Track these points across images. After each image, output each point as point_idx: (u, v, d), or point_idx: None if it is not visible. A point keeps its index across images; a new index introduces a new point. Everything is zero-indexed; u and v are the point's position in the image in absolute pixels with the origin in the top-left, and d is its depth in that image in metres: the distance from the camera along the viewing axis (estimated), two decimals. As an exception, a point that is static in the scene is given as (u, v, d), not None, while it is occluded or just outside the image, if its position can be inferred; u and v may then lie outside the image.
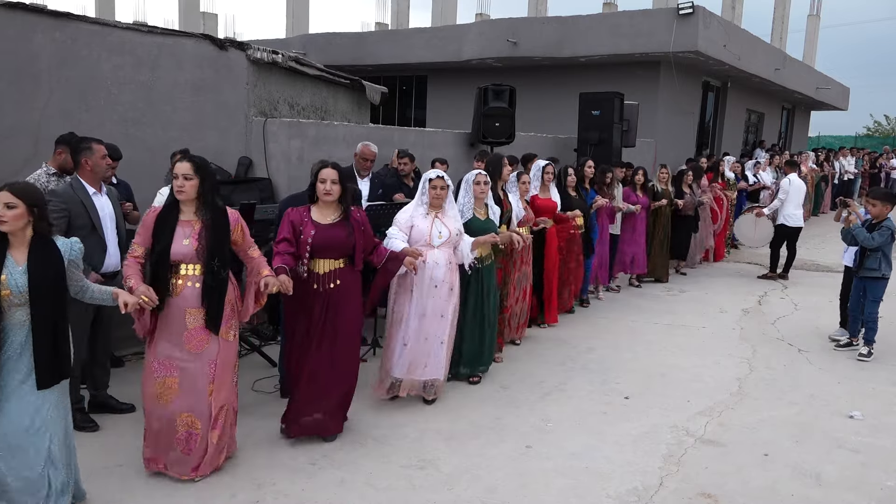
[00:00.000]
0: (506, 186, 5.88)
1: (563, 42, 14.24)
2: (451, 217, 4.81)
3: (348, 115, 8.48)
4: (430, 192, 4.71)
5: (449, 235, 4.72)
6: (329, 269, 4.06)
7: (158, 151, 6.59)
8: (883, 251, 6.02)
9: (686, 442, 4.30)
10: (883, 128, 38.56)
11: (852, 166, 18.79)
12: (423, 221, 4.72)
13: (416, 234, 4.69)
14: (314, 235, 3.99)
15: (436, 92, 17.20)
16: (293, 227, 4.02)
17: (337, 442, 4.17)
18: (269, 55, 6.99)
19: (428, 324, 4.69)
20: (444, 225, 4.73)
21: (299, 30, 22.39)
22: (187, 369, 3.58)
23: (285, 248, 3.94)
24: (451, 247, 4.78)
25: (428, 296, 4.67)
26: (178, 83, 6.82)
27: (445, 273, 4.71)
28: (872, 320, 6.10)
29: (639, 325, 7.06)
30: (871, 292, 6.09)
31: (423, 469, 3.89)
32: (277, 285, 3.68)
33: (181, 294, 3.57)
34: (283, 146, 6.80)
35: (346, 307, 4.10)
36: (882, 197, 6.13)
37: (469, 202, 5.16)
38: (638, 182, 8.67)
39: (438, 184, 4.70)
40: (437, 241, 4.69)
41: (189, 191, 3.55)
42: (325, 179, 4.00)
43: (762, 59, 16.34)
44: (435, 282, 4.67)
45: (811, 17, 26.94)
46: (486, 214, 5.23)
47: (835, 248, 12.03)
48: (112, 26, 6.77)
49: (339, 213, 4.11)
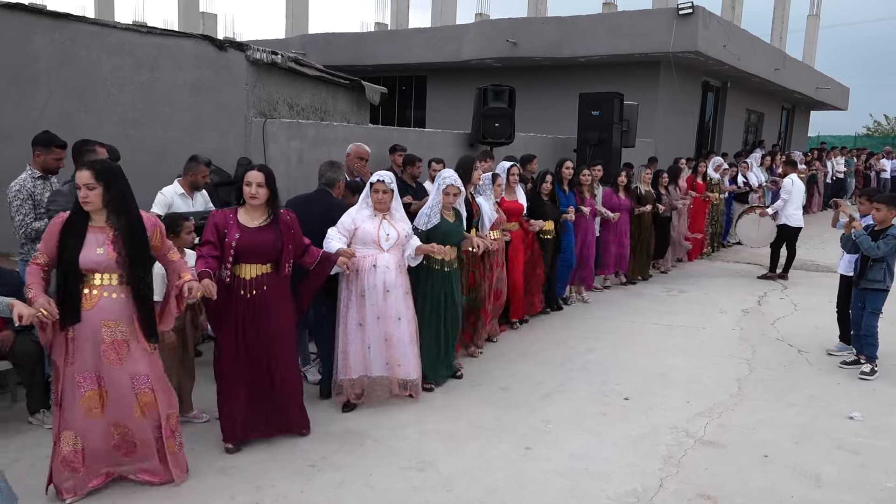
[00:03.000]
0: (476, 189, 5.79)
1: (563, 42, 14.25)
2: (398, 219, 4.71)
3: (348, 116, 8.48)
4: (372, 196, 4.58)
5: (398, 237, 4.63)
6: (255, 275, 3.91)
7: (158, 152, 6.60)
8: (887, 261, 5.54)
9: (686, 443, 4.30)
10: (882, 127, 38.53)
11: (841, 166, 18.78)
12: (369, 223, 4.60)
13: (364, 236, 4.58)
14: (238, 239, 3.83)
15: (435, 92, 17.20)
16: (217, 229, 3.85)
17: (336, 444, 4.17)
18: (269, 56, 6.98)
19: (387, 327, 4.62)
20: (392, 227, 4.64)
21: (299, 30, 22.39)
22: (111, 382, 3.39)
23: (209, 252, 3.79)
24: (400, 249, 4.70)
25: (381, 300, 4.57)
26: (178, 84, 6.83)
27: (396, 276, 4.63)
28: (871, 334, 5.64)
29: (638, 326, 7.05)
30: (871, 303, 5.62)
31: (423, 470, 3.89)
32: (201, 290, 3.55)
33: (97, 305, 3.33)
34: (283, 147, 6.80)
35: (275, 313, 3.96)
36: (888, 201, 5.54)
37: (437, 205, 5.07)
38: (621, 183, 8.46)
39: (381, 188, 4.56)
40: (385, 244, 4.60)
41: (94, 200, 3.28)
42: (251, 182, 3.85)
43: (762, 59, 16.35)
44: (388, 286, 4.58)
45: (811, 17, 26.95)
46: (454, 217, 5.16)
47: (834, 249, 12.00)
48: (111, 27, 6.78)
49: (266, 217, 3.94)
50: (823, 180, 17.79)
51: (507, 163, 6.57)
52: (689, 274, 9.83)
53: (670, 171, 9.62)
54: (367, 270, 4.57)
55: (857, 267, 5.77)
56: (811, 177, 16.83)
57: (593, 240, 8.02)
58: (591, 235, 7.93)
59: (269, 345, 3.98)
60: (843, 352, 6.06)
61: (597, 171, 8.23)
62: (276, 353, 4.01)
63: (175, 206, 5.30)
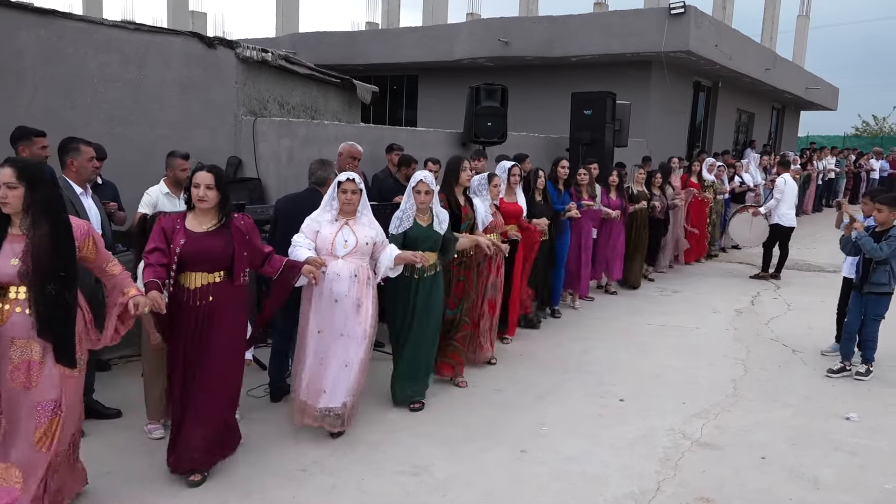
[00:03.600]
0: (471, 190, 5.46)
1: (555, 41, 14.21)
2: (363, 224, 4.26)
3: (339, 115, 8.41)
4: (340, 196, 4.18)
5: (356, 244, 4.17)
6: (202, 284, 3.56)
7: (146, 150, 6.51)
8: (891, 263, 5.39)
9: (682, 445, 4.25)
10: (871, 128, 38.71)
11: (832, 166, 18.83)
12: (328, 228, 4.19)
13: (320, 242, 4.18)
14: (183, 245, 3.50)
15: (427, 92, 17.13)
16: (164, 235, 3.54)
17: (328, 447, 4.09)
18: (259, 53, 6.90)
19: (326, 343, 4.17)
20: (352, 232, 4.19)
21: (289, 29, 22.26)
22: (11, 409, 3.02)
23: (157, 259, 3.47)
24: (362, 257, 4.24)
25: (327, 311, 4.14)
26: (166, 81, 6.74)
27: (349, 287, 4.14)
28: (872, 339, 5.54)
29: (633, 326, 7.01)
30: (874, 309, 5.47)
31: (417, 475, 3.82)
32: (149, 304, 3.23)
33: (8, 321, 2.98)
34: (273, 146, 6.72)
35: (222, 326, 3.59)
36: (890, 202, 5.38)
37: (411, 208, 4.67)
38: (612, 184, 8.10)
39: (349, 187, 4.17)
40: (341, 251, 4.16)
41: (13, 202, 2.95)
42: (199, 184, 3.54)
43: (753, 59, 16.37)
44: (335, 296, 4.12)
45: (800, 17, 27.05)
46: (429, 221, 4.70)
47: (826, 249, 12.07)
48: (98, 23, 6.68)
49: (216, 221, 3.61)
50: (815, 181, 17.81)
51: (507, 163, 6.23)
52: (682, 273, 9.81)
53: (662, 170, 9.38)
54: None
55: (858, 270, 5.57)
56: (807, 177, 16.84)
57: (590, 243, 7.67)
58: (587, 238, 7.57)
59: (208, 358, 3.59)
60: (837, 352, 5.91)
61: (594, 170, 7.94)
62: (210, 367, 3.59)
63: (161, 205, 5.20)
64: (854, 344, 5.61)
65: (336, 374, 4.17)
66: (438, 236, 4.71)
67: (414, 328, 4.71)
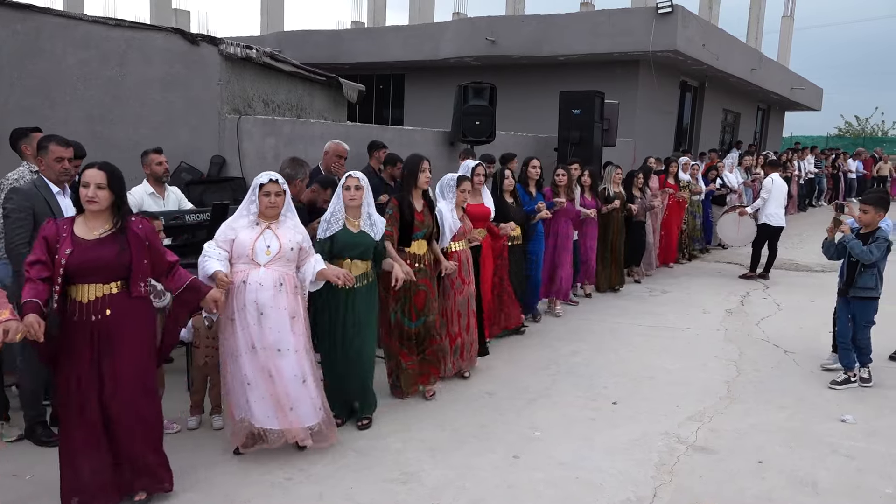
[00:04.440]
0: (436, 191, 5.07)
1: (542, 41, 14.15)
2: (288, 227, 3.86)
3: (325, 114, 8.28)
4: (261, 199, 3.76)
5: (279, 250, 3.76)
6: (96, 296, 3.13)
7: (127, 149, 6.35)
8: (878, 266, 5.20)
9: (678, 449, 4.17)
10: (854, 128, 39.01)
11: (812, 166, 18.88)
12: (247, 233, 3.77)
13: (238, 249, 3.76)
14: (70, 255, 3.06)
15: (413, 91, 17.02)
16: (48, 244, 3.09)
17: (315, 455, 3.96)
18: (243, 50, 6.75)
19: (267, 360, 3.74)
20: (275, 237, 3.79)
21: (274, 28, 22.05)
22: None
23: (37, 273, 3.03)
24: (287, 264, 3.83)
25: (255, 326, 3.71)
26: (148, 79, 6.59)
27: (275, 297, 3.73)
28: (866, 345, 5.28)
29: (622, 327, 6.94)
30: (863, 314, 5.24)
31: (407, 483, 3.71)
32: (23, 331, 2.82)
33: None
34: (258, 144, 6.58)
35: (124, 344, 3.19)
36: (875, 202, 5.17)
37: (340, 210, 4.22)
38: (585, 184, 7.70)
39: (273, 189, 3.76)
40: (263, 258, 3.75)
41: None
42: (89, 183, 3.12)
43: (739, 60, 16.41)
44: (260, 308, 3.71)
45: (785, 18, 27.21)
46: (360, 226, 4.25)
47: (813, 248, 12.00)
48: (78, 19, 6.54)
49: (109, 226, 3.20)
50: (797, 181, 17.85)
51: (471, 162, 5.77)
52: (669, 273, 9.75)
53: (643, 171, 9.05)
54: (236, 288, 3.73)
55: (843, 274, 5.35)
56: (786, 178, 16.80)
57: (568, 245, 7.26)
58: (564, 240, 7.19)
59: (113, 384, 3.18)
60: (837, 364, 5.53)
61: (574, 171, 7.55)
62: (119, 394, 3.19)
63: (145, 205, 5.09)
64: (852, 352, 5.31)
65: (296, 389, 3.79)
66: (370, 242, 4.26)
67: (347, 347, 4.25)
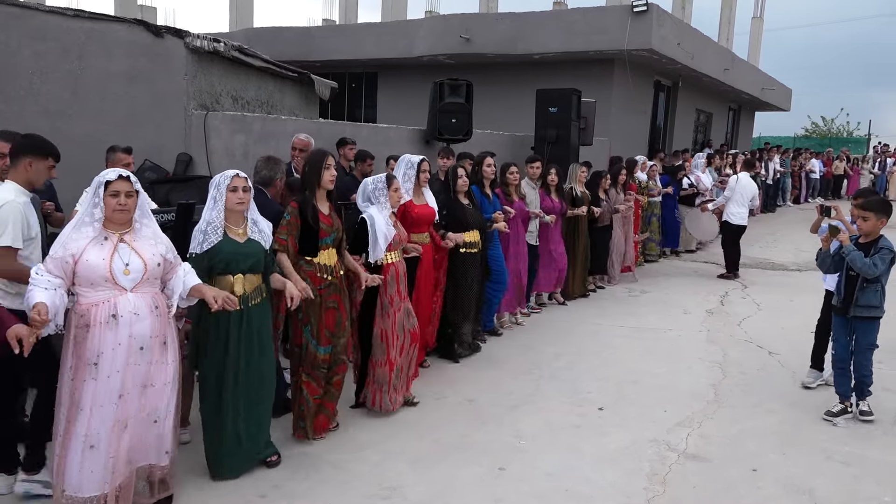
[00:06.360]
0: (363, 197, 4.44)
1: (517, 39, 14.01)
2: (146, 238, 3.11)
3: (296, 111, 8.02)
4: (108, 201, 2.97)
5: (145, 270, 3.02)
6: None
7: (87, 147, 6.01)
8: (881, 281, 4.47)
9: (669, 457, 4.00)
10: (820, 129, 39.60)
11: (778, 165, 19.02)
12: (96, 252, 2.95)
13: (86, 272, 2.92)
14: None
15: (386, 89, 16.77)
16: None
17: (288, 470, 3.72)
18: (210, 44, 6.47)
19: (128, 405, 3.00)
20: (134, 252, 3.03)
21: (243, 24, 21.63)
22: None
23: None
24: (154, 283, 3.11)
25: (133, 364, 2.98)
26: (110, 73, 6.28)
27: (152, 326, 3.03)
28: (867, 373, 4.53)
29: (603, 329, 6.79)
30: (865, 337, 4.49)
31: (388, 498, 3.49)
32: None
33: None
34: (226, 141, 6.30)
35: None
36: (877, 208, 4.44)
37: (219, 216, 3.50)
38: (551, 184, 7.15)
39: (122, 188, 2.99)
40: (125, 280, 2.97)
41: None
42: None
43: (712, 59, 16.45)
44: (140, 342, 2.99)
45: (755, 19, 27.43)
46: (246, 234, 3.57)
47: (787, 247, 12.11)
48: (33, 9, 6.20)
49: None
50: (764, 181, 17.94)
51: (415, 157, 5.08)
52: (647, 273, 9.65)
53: (612, 174, 8.51)
54: (102, 325, 2.92)
55: (841, 290, 4.58)
56: (754, 176, 16.85)
57: (524, 250, 6.67)
58: (521, 245, 6.61)
59: None
60: (819, 381, 5.21)
61: (535, 169, 7.02)
62: None
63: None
64: (850, 380, 4.61)
65: (145, 431, 3.08)
66: (260, 250, 3.58)
67: (241, 380, 3.53)
